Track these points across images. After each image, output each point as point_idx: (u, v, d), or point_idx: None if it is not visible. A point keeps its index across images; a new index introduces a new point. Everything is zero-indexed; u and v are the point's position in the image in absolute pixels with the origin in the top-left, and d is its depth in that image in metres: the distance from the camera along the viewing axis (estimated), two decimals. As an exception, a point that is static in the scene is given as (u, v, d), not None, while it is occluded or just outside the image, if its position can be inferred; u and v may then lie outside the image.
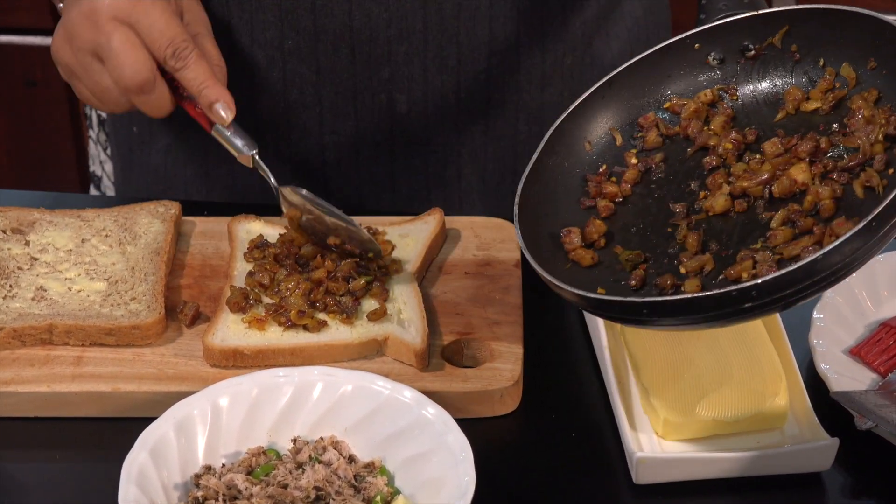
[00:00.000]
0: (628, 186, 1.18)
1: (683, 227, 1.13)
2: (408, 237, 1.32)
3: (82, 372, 1.20)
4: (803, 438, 1.14)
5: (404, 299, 1.25)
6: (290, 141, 1.46)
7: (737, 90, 1.20)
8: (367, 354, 1.21)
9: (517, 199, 1.15)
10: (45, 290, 1.26)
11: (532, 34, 1.42)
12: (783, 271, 0.99)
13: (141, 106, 1.27)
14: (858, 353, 1.21)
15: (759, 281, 0.99)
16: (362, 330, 1.22)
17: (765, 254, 1.07)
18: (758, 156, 1.14)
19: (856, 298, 1.26)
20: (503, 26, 1.40)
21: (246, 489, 1.06)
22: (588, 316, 1.26)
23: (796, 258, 1.05)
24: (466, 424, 1.10)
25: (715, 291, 1.01)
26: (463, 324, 1.25)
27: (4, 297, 1.25)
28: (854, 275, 1.24)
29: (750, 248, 1.08)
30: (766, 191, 1.12)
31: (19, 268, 1.29)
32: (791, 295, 1.01)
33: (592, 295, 1.07)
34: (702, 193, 1.15)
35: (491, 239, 1.35)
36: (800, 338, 1.22)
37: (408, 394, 1.12)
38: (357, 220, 1.31)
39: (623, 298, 1.05)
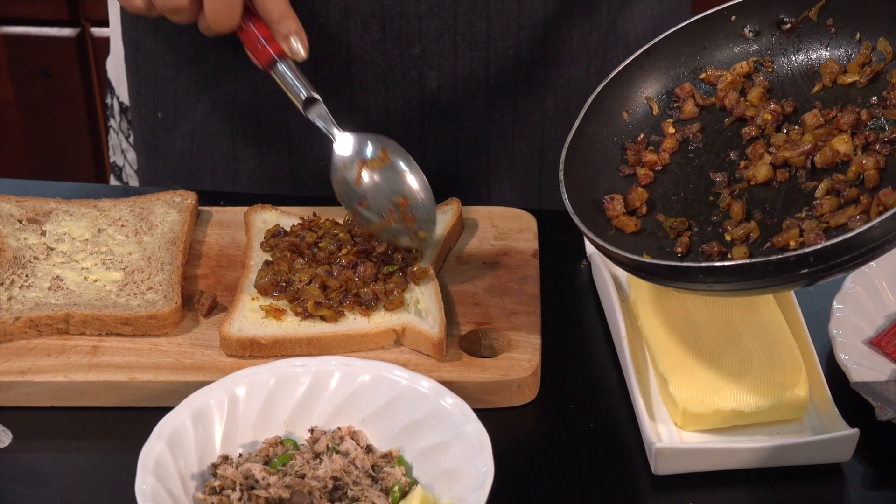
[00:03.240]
0: (667, 155, 1.20)
1: (726, 195, 1.15)
2: (425, 227, 1.32)
3: (99, 361, 1.19)
4: (823, 429, 1.13)
5: (422, 289, 1.24)
6: (318, 126, 1.46)
7: (772, 62, 1.22)
8: (385, 344, 1.21)
9: (561, 166, 1.17)
10: (62, 280, 1.26)
11: (559, 10, 1.42)
12: (842, 238, 1.00)
13: (210, 8, 1.23)
14: (879, 343, 1.20)
15: (819, 247, 1.01)
16: (380, 320, 1.21)
17: (811, 222, 1.08)
18: (796, 127, 1.17)
19: (876, 289, 1.25)
20: (531, 2, 1.40)
21: (263, 479, 1.06)
22: (606, 306, 1.26)
23: (843, 227, 1.06)
24: (484, 414, 1.09)
25: (774, 257, 1.02)
26: (480, 314, 1.24)
27: (21, 287, 1.25)
28: (874, 265, 1.26)
29: (795, 216, 1.10)
30: (808, 161, 1.13)
31: (35, 258, 1.29)
32: (846, 262, 1.02)
33: (649, 261, 1.08)
34: (742, 163, 1.17)
35: (508, 229, 1.35)
36: (820, 328, 1.21)
37: (425, 384, 1.11)
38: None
39: (680, 263, 1.07)
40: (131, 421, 1.17)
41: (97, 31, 2.56)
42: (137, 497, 1.02)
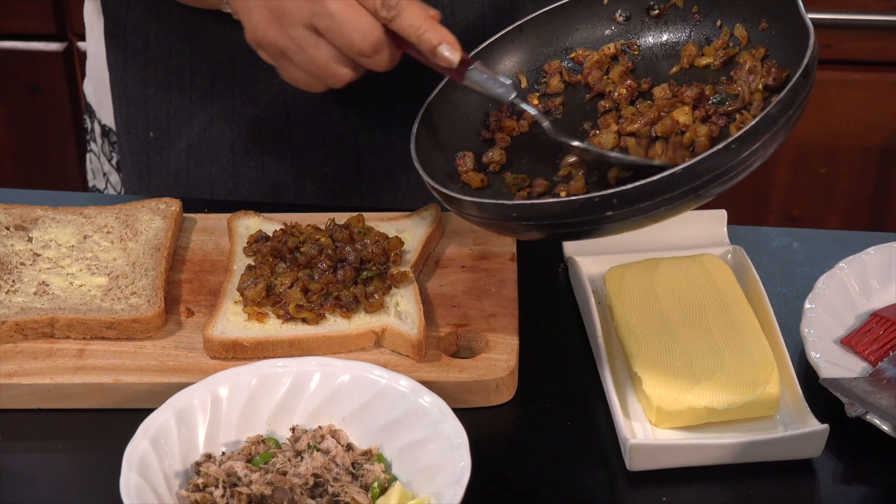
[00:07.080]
0: (526, 124, 1.27)
1: (567, 161, 1.22)
2: (405, 232, 1.34)
3: (84, 364, 1.21)
4: (795, 426, 1.15)
5: (402, 292, 1.26)
6: (321, 131, 1.47)
7: (639, 46, 1.30)
8: (365, 346, 1.23)
9: (415, 126, 1.22)
10: (48, 285, 1.28)
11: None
12: (641, 182, 1.08)
13: (368, 66, 1.19)
14: (849, 342, 1.22)
15: (625, 188, 1.07)
16: (360, 322, 1.23)
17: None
18: (648, 102, 1.25)
19: (846, 289, 1.27)
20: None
21: (245, 476, 1.08)
22: (582, 307, 1.28)
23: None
24: (463, 414, 1.11)
25: (574, 197, 1.10)
26: (459, 316, 1.26)
27: (7, 292, 1.27)
28: (845, 266, 1.28)
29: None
30: (652, 130, 1.21)
31: (22, 263, 1.31)
32: (649, 207, 1.09)
33: (465, 197, 1.15)
34: (592, 132, 1.24)
35: (487, 233, 1.37)
36: (791, 328, 1.23)
37: (404, 383, 1.13)
38: (342, 216, 1.33)
39: (494, 201, 1.14)
40: (117, 422, 1.18)
41: (84, 45, 2.58)
42: (122, 495, 1.03)
